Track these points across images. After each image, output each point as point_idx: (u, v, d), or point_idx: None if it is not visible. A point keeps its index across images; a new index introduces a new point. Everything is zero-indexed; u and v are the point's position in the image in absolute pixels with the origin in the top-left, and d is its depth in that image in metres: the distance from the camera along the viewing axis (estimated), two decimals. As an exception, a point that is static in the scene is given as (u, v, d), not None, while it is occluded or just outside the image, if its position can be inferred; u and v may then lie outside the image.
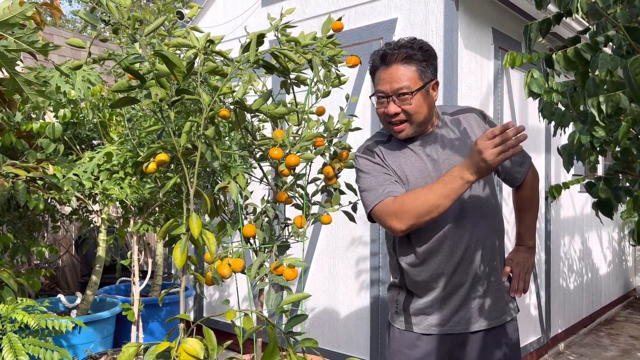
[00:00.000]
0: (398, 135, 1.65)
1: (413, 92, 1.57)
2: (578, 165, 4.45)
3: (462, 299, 1.65)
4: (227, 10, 4.24)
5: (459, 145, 1.65)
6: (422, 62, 1.59)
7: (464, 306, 1.66)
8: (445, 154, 1.64)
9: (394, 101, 1.58)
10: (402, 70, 1.57)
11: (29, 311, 2.23)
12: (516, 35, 3.59)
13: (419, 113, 1.59)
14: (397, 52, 1.59)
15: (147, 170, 1.60)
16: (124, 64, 1.39)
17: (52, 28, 6.42)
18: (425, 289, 1.68)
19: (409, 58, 1.58)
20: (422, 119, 1.61)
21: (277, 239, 1.96)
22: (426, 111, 1.61)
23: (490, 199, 1.69)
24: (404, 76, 1.57)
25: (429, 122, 1.66)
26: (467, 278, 1.64)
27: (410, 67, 1.58)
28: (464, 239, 1.62)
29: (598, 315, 5.12)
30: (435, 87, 1.64)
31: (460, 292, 1.64)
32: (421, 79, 1.58)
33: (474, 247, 1.63)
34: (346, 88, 3.22)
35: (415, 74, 1.58)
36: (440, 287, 1.66)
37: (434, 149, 1.65)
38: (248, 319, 1.50)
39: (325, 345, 3.51)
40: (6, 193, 2.28)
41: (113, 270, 4.44)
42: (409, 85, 1.57)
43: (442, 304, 1.66)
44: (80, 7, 16.95)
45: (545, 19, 1.42)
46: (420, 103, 1.58)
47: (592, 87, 1.33)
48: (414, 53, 1.58)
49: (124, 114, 2.75)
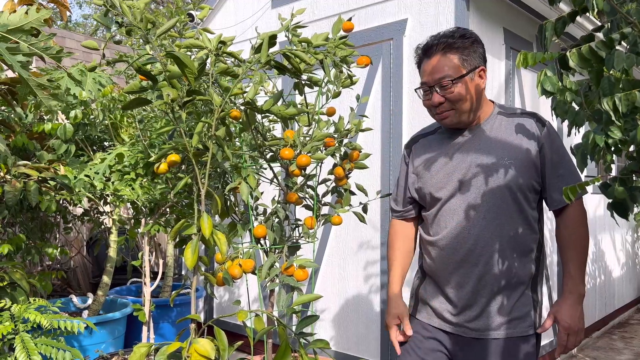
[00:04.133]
0: (442, 122, 1.66)
1: (454, 80, 1.57)
2: (590, 166, 4.41)
3: (463, 302, 1.63)
4: (237, 11, 4.26)
5: (496, 146, 1.62)
6: (464, 49, 1.59)
7: (465, 309, 1.63)
8: (475, 154, 1.63)
9: (437, 91, 1.60)
10: (443, 60, 1.59)
11: (41, 311, 2.25)
12: (528, 35, 3.56)
13: (463, 100, 1.59)
14: (437, 43, 1.60)
15: (159, 171, 1.61)
16: (137, 65, 1.39)
17: (63, 31, 6.49)
18: (433, 279, 1.71)
19: (449, 47, 1.59)
20: (467, 107, 1.60)
21: (287, 239, 1.96)
22: (472, 98, 1.60)
23: (510, 207, 1.60)
24: (445, 66, 1.59)
25: (477, 112, 1.64)
26: (469, 281, 1.61)
27: (451, 56, 1.59)
28: (468, 241, 1.60)
29: (611, 318, 5.06)
30: (482, 74, 1.62)
31: (461, 294, 1.62)
32: (463, 66, 1.58)
33: (480, 251, 1.60)
34: (356, 88, 3.22)
35: (456, 62, 1.58)
36: (442, 283, 1.67)
37: (475, 143, 1.64)
38: (259, 320, 1.50)
39: (336, 347, 3.50)
40: (18, 194, 2.30)
41: (124, 271, 4.47)
42: (450, 74, 1.58)
43: (443, 300, 1.68)
44: (90, 11, 17.12)
45: (560, 17, 1.40)
46: (463, 90, 1.58)
47: (607, 85, 1.31)
48: (454, 42, 1.59)
49: (135, 115, 2.77)
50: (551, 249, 3.91)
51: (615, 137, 1.40)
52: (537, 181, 1.62)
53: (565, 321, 1.57)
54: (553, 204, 1.63)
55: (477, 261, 1.60)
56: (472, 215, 1.60)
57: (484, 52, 1.64)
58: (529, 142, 1.60)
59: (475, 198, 1.60)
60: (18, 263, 2.54)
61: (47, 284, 2.90)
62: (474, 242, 1.60)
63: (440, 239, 1.66)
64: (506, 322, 1.60)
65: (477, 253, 1.60)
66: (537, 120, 1.64)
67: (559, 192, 1.60)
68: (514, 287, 1.61)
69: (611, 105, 1.30)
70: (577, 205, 1.64)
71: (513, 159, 1.59)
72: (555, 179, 1.61)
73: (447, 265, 1.65)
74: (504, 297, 1.61)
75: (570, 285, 1.60)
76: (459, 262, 1.62)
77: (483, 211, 1.60)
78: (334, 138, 1.95)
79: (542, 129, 1.63)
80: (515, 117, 1.66)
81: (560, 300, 1.61)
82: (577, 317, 1.58)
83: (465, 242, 1.61)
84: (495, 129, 1.65)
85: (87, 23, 16.51)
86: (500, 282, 1.60)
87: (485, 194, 1.60)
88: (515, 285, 1.61)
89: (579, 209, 1.64)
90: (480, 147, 1.63)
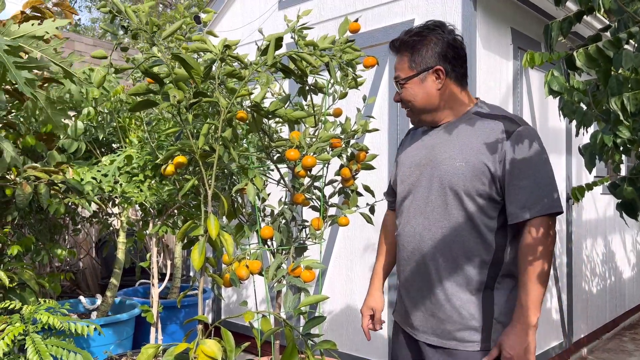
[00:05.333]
0: (410, 119, 1.67)
1: (401, 81, 1.58)
2: (599, 166, 4.38)
3: (412, 300, 1.61)
4: (244, 13, 4.27)
5: (453, 147, 1.53)
6: (414, 49, 1.55)
7: (412, 308, 1.61)
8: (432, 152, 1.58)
9: (397, 90, 1.62)
10: (398, 60, 1.60)
11: (51, 312, 2.26)
12: (535, 35, 3.54)
13: (414, 101, 1.57)
14: (395, 41, 1.60)
15: (166, 173, 1.62)
16: (144, 67, 1.40)
17: (72, 34, 6.54)
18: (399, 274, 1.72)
19: (403, 46, 1.58)
20: (419, 107, 1.58)
21: (294, 240, 1.96)
22: (425, 99, 1.56)
23: (455, 211, 1.50)
24: (398, 65, 1.59)
25: (440, 111, 1.58)
26: (415, 279, 1.59)
27: (402, 55, 1.58)
28: (413, 239, 1.59)
29: (622, 319, 5.02)
30: (440, 74, 1.53)
31: (411, 292, 1.61)
32: (411, 67, 1.56)
33: (423, 251, 1.55)
34: (363, 89, 3.21)
35: (406, 63, 1.57)
36: (399, 279, 1.68)
37: (437, 141, 1.59)
38: (266, 321, 1.50)
39: (343, 348, 3.49)
40: (28, 197, 2.32)
41: (132, 272, 4.49)
42: (400, 75, 1.58)
43: (399, 296, 1.69)
44: (98, 15, 17.24)
45: (566, 17, 1.40)
46: (413, 91, 1.56)
47: (615, 85, 1.30)
48: (407, 40, 1.56)
49: (143, 117, 2.78)
50: (560, 249, 3.88)
51: (623, 136, 1.40)
52: (493, 190, 1.47)
53: (507, 351, 1.41)
54: (509, 218, 1.45)
55: (421, 261, 1.56)
56: (418, 213, 1.58)
57: (447, 49, 1.54)
58: (488, 146, 1.47)
59: (423, 196, 1.57)
60: (27, 264, 2.57)
61: (57, 285, 2.92)
62: (418, 241, 1.56)
63: (398, 234, 1.67)
64: (447, 332, 1.51)
65: (419, 253, 1.56)
66: (506, 126, 1.48)
67: (516, 206, 1.43)
68: (452, 292, 1.50)
69: (619, 105, 1.29)
70: (539, 223, 1.42)
71: (465, 162, 1.48)
72: (515, 190, 1.43)
73: (399, 262, 1.67)
74: (444, 304, 1.52)
75: (519, 315, 1.42)
76: (407, 260, 1.61)
77: (427, 211, 1.55)
78: (341, 139, 1.95)
79: (509, 135, 1.45)
80: (487, 120, 1.52)
81: (508, 328, 1.45)
82: (522, 348, 1.40)
83: (411, 241, 1.59)
84: (461, 129, 1.54)
85: (96, 27, 16.64)
86: (438, 287, 1.52)
87: (432, 194, 1.55)
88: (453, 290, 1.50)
89: (539, 227, 1.42)
90: (439, 146, 1.57)
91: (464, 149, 1.50)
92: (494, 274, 1.50)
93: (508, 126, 1.47)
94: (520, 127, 1.47)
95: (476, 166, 1.47)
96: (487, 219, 1.48)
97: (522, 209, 1.42)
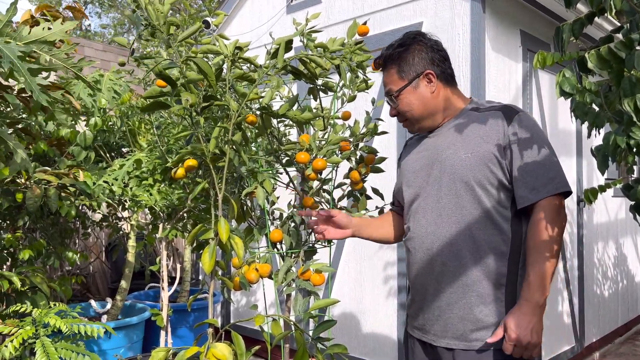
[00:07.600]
0: (408, 130, 1.67)
1: (394, 94, 1.59)
2: (610, 168, 4.33)
3: (427, 305, 1.56)
4: (253, 17, 4.29)
5: (455, 141, 1.54)
6: (401, 60, 1.57)
7: (426, 313, 1.56)
8: (436, 152, 1.58)
9: (390, 105, 1.63)
10: (386, 75, 1.62)
11: (61, 316, 2.27)
12: (545, 37, 3.53)
13: (412, 110, 1.58)
14: (380, 57, 1.63)
15: (176, 176, 1.62)
16: (158, 70, 1.41)
17: (82, 39, 6.60)
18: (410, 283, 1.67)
19: (388, 60, 1.60)
20: (418, 115, 1.58)
21: (304, 244, 1.96)
22: (422, 105, 1.57)
23: (469, 203, 1.48)
24: (387, 79, 1.61)
25: (439, 114, 1.59)
26: (429, 282, 1.55)
27: (391, 69, 1.59)
28: (425, 239, 1.55)
29: (634, 323, 4.96)
30: (431, 77, 1.55)
31: (427, 296, 1.56)
32: (402, 78, 1.57)
33: (439, 250, 1.51)
34: (372, 92, 3.21)
35: (395, 75, 1.58)
36: (412, 286, 1.64)
37: (439, 140, 1.60)
38: (276, 325, 1.50)
39: (353, 352, 3.48)
40: (38, 200, 2.33)
41: (142, 276, 4.50)
42: (392, 88, 1.59)
43: (412, 305, 1.65)
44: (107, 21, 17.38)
45: (577, 19, 1.39)
46: (408, 100, 1.58)
47: (628, 86, 1.29)
48: (391, 53, 1.59)
49: (153, 121, 2.80)
50: (571, 252, 3.85)
51: (637, 137, 1.38)
52: (503, 176, 1.47)
53: (512, 329, 1.36)
54: (519, 202, 1.45)
55: (437, 260, 1.52)
56: (429, 212, 1.56)
57: (432, 53, 1.57)
58: (491, 134, 1.48)
59: (433, 195, 1.55)
60: (39, 268, 2.58)
61: (67, 289, 2.94)
62: (432, 240, 1.53)
63: (407, 239, 1.64)
64: (467, 332, 1.46)
65: (433, 252, 1.53)
66: (505, 113, 1.50)
67: (525, 188, 1.43)
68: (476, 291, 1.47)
69: (632, 106, 1.28)
70: (548, 204, 1.42)
71: (470, 152, 1.49)
72: (522, 173, 1.44)
73: (411, 267, 1.62)
74: (463, 303, 1.48)
75: (525, 292, 1.39)
76: (420, 262, 1.57)
77: (439, 208, 1.53)
78: (350, 142, 1.94)
79: (510, 122, 1.48)
80: (485, 112, 1.54)
81: (514, 307, 1.40)
82: (529, 328, 1.35)
83: (424, 241, 1.55)
84: (461, 125, 1.56)
85: (105, 32, 16.80)
86: (458, 285, 1.48)
87: (442, 190, 1.53)
88: (477, 289, 1.47)
89: (549, 208, 1.42)
90: (441, 144, 1.57)
91: (466, 142, 1.51)
92: (514, 267, 1.47)
93: (507, 113, 1.50)
94: (519, 112, 1.51)
95: (482, 155, 1.48)
96: (501, 208, 1.47)
97: (532, 191, 1.42)
